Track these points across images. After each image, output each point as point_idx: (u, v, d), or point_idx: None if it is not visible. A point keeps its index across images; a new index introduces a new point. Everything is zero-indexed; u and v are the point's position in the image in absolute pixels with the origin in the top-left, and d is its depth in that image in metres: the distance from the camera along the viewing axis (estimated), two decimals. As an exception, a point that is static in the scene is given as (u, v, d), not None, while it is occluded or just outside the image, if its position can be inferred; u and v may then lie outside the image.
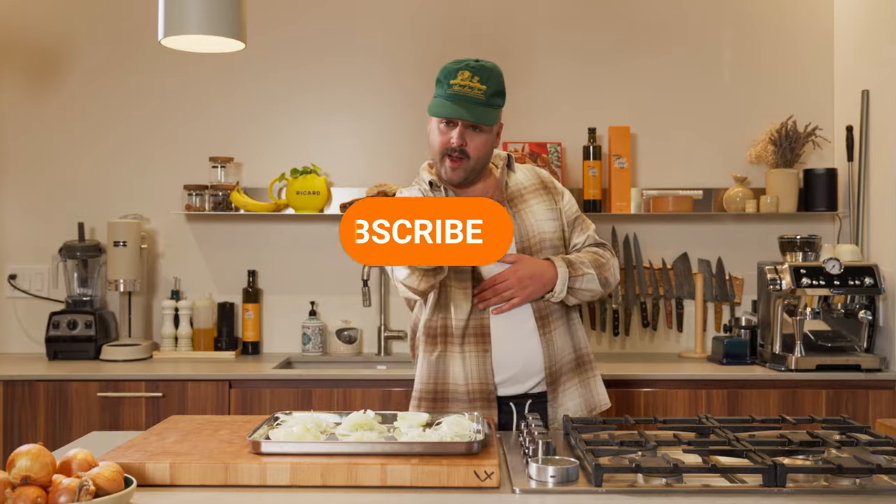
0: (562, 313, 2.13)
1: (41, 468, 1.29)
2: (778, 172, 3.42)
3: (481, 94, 1.98)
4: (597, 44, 3.59)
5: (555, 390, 2.09)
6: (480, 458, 1.50)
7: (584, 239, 2.19)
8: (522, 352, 2.06)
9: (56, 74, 3.59)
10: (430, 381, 2.09)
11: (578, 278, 2.06)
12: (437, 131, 2.04)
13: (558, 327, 2.11)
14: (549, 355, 2.07)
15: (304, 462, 1.48)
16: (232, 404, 2.98)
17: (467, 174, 2.06)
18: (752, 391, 2.96)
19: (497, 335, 2.05)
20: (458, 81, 1.98)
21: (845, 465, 1.46)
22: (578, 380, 2.14)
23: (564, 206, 2.19)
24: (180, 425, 1.81)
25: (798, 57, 3.57)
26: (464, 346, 2.06)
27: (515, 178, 2.18)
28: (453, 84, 1.99)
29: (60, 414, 2.98)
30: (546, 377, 2.07)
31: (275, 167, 3.52)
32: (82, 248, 3.42)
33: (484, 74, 1.99)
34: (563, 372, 2.10)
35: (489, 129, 2.04)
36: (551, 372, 2.08)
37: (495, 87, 2.01)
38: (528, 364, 2.07)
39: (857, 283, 2.97)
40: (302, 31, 3.59)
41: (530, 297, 2.03)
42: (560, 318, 2.12)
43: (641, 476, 1.46)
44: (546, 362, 2.07)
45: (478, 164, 2.07)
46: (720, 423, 1.79)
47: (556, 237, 2.13)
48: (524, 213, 2.11)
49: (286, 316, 3.56)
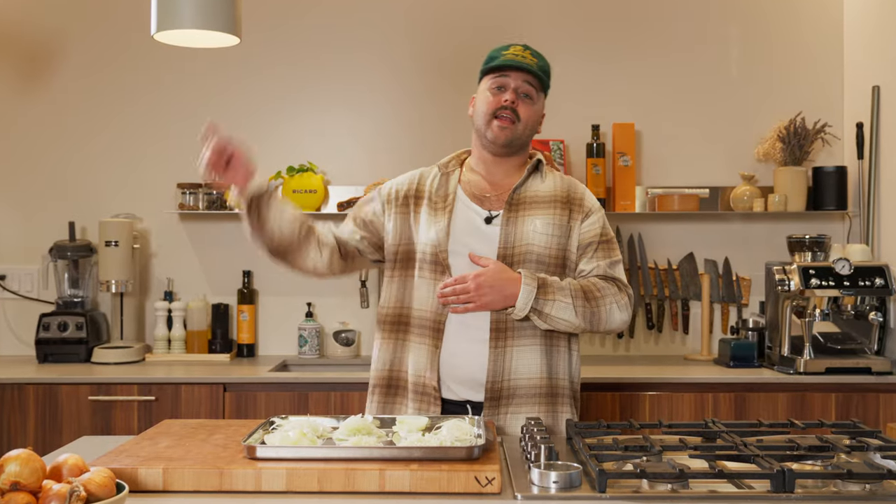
0: (535, 334, 2.04)
1: (31, 474, 1.29)
2: (786, 170, 3.42)
3: (532, 60, 2.08)
4: (600, 39, 3.59)
5: (496, 409, 2.01)
6: (481, 464, 1.50)
7: (591, 268, 2.08)
8: (469, 359, 2.01)
9: (46, 69, 3.59)
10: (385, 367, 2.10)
11: (549, 303, 1.97)
12: (489, 95, 2.09)
13: (521, 346, 2.02)
14: (493, 371, 2.00)
15: (300, 468, 1.47)
16: (226, 408, 2.98)
17: (514, 137, 2.08)
18: (759, 394, 2.96)
19: (450, 336, 2.02)
20: (511, 52, 2.09)
21: (855, 470, 1.46)
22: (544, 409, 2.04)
23: (583, 227, 2.09)
24: (173, 430, 1.81)
25: (807, 52, 3.57)
26: (418, 336, 2.05)
27: (536, 185, 2.13)
28: (506, 53, 2.09)
29: (50, 418, 2.98)
30: (486, 392, 2.01)
31: (270, 165, 3.52)
32: (73, 248, 3.42)
33: (533, 51, 2.11)
34: (516, 395, 2.02)
35: (538, 101, 2.11)
36: (493, 388, 2.00)
37: (543, 63, 2.12)
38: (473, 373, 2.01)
39: (867, 284, 2.97)
40: (298, 26, 3.59)
41: (487, 306, 1.97)
42: (529, 338, 2.03)
43: (646, 482, 1.46)
44: (489, 376, 2.00)
45: (524, 132, 2.10)
46: (727, 428, 1.79)
47: (549, 254, 2.05)
48: (520, 221, 2.06)
49: (282, 318, 3.56)
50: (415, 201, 2.13)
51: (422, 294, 2.06)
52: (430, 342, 2.03)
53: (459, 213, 2.08)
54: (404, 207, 2.14)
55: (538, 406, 2.04)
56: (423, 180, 2.16)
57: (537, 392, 2.04)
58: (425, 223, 2.09)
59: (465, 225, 2.07)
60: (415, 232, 2.11)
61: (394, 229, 2.13)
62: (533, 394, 2.04)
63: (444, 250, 2.04)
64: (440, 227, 2.06)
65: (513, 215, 2.07)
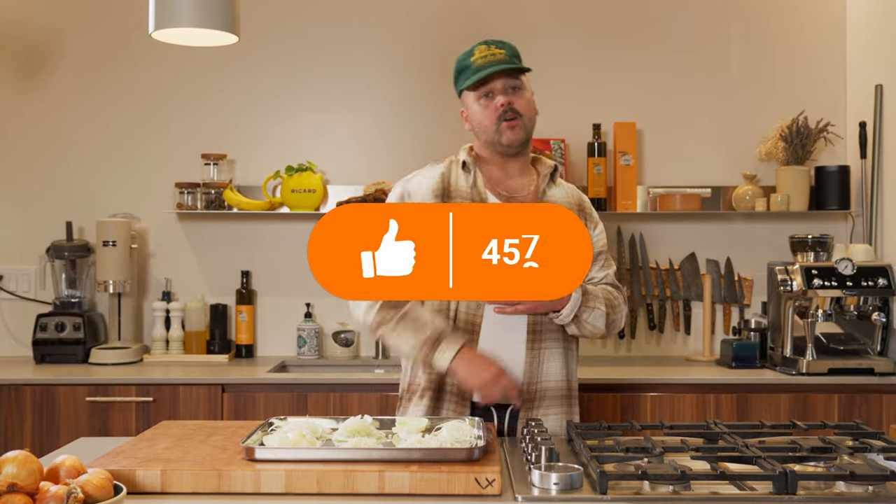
0: (559, 338, 2.09)
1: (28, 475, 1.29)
2: (789, 170, 3.42)
3: (503, 56, 2.08)
4: (601, 37, 3.59)
5: (528, 411, 2.04)
6: (481, 465, 1.50)
7: (602, 276, 2.17)
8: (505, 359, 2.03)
9: (44, 68, 3.59)
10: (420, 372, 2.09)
11: (588, 310, 2.05)
12: (480, 108, 2.09)
13: (551, 349, 2.07)
14: (530, 372, 2.04)
15: (299, 469, 1.48)
16: (225, 409, 2.98)
17: (525, 133, 2.11)
18: (761, 396, 2.96)
19: (486, 336, 2.04)
20: (479, 55, 2.08)
21: (858, 472, 1.46)
22: (562, 411, 2.09)
23: (594, 236, 2.18)
24: (171, 431, 1.81)
25: (809, 51, 3.57)
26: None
27: (553, 192, 2.17)
28: (475, 59, 2.08)
29: (48, 419, 2.98)
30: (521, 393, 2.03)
31: (269, 164, 3.52)
32: (70, 248, 3.42)
33: (497, 43, 2.10)
34: (547, 396, 2.06)
35: (525, 87, 2.12)
36: (529, 390, 2.04)
37: (513, 51, 2.12)
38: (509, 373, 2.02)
39: (870, 284, 2.97)
40: (297, 24, 3.59)
41: (535, 310, 2.01)
42: (556, 342, 2.08)
43: (648, 483, 1.46)
44: (526, 377, 2.04)
45: (530, 123, 2.12)
46: (729, 429, 1.79)
47: None
48: None
49: (281, 318, 3.56)
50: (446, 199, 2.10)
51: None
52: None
53: None
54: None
55: (559, 407, 2.09)
56: (448, 177, 2.13)
57: (560, 394, 2.09)
58: None
59: None
60: None
61: None
62: (557, 395, 2.09)
63: None
64: None
65: None
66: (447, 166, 2.16)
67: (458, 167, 2.14)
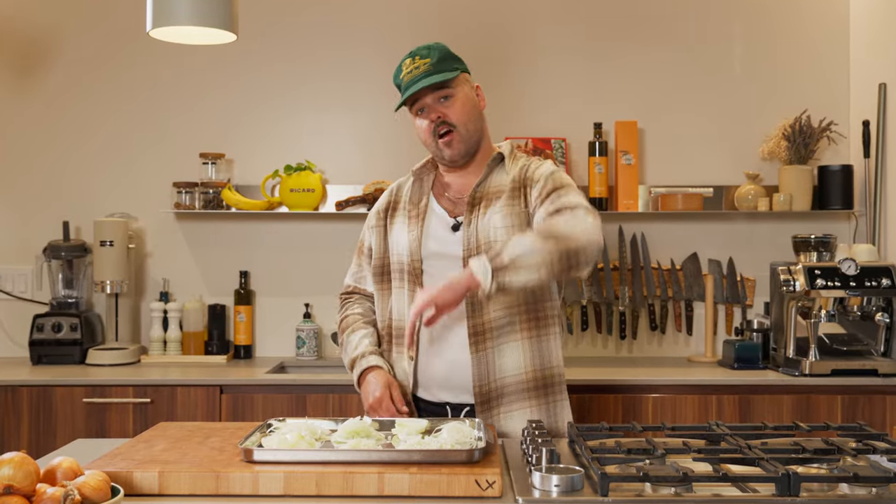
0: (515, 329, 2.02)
1: (24, 477, 1.29)
2: (791, 169, 3.42)
3: (427, 67, 2.03)
4: (603, 35, 3.59)
5: (488, 410, 2.02)
6: (482, 467, 1.50)
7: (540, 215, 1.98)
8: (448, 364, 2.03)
9: (40, 66, 3.59)
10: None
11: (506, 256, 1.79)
12: (419, 123, 2.09)
13: (501, 344, 2.01)
14: (478, 374, 2.01)
15: (298, 471, 1.48)
16: (223, 410, 2.98)
17: (465, 145, 2.06)
18: (764, 397, 2.96)
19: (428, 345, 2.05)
20: (405, 71, 2.07)
21: (862, 474, 1.46)
22: (537, 402, 2.04)
23: (532, 196, 2.03)
24: (169, 432, 1.81)
25: (812, 49, 3.57)
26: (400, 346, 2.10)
27: (500, 179, 2.09)
28: (403, 77, 2.07)
29: (44, 420, 2.98)
30: (476, 396, 2.02)
31: (268, 164, 3.52)
32: (67, 248, 3.42)
33: (422, 53, 2.06)
34: (506, 393, 2.02)
35: (458, 92, 2.05)
36: (482, 392, 2.02)
37: (438, 56, 2.05)
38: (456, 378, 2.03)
39: (873, 285, 2.97)
40: (296, 22, 3.59)
41: (449, 302, 1.82)
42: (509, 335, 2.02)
43: (649, 485, 1.45)
44: (475, 380, 2.01)
45: (468, 131, 2.06)
46: (731, 431, 1.79)
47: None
48: (480, 220, 2.04)
49: (279, 318, 3.56)
50: (391, 213, 2.17)
51: (398, 304, 2.11)
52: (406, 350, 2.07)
53: (431, 220, 2.10)
54: (381, 221, 2.18)
55: (532, 401, 2.04)
56: (401, 190, 2.20)
57: (523, 387, 2.04)
58: (398, 232, 2.12)
59: (436, 232, 2.08)
60: (391, 243, 2.14)
61: (376, 245, 2.18)
62: (523, 389, 2.03)
63: (417, 259, 2.06)
64: (413, 237, 2.08)
65: (473, 216, 2.06)
66: (406, 178, 2.22)
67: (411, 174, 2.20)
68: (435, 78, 2.01)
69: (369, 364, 2.09)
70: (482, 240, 2.03)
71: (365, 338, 2.14)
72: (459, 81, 2.07)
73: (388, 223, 2.17)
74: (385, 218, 2.18)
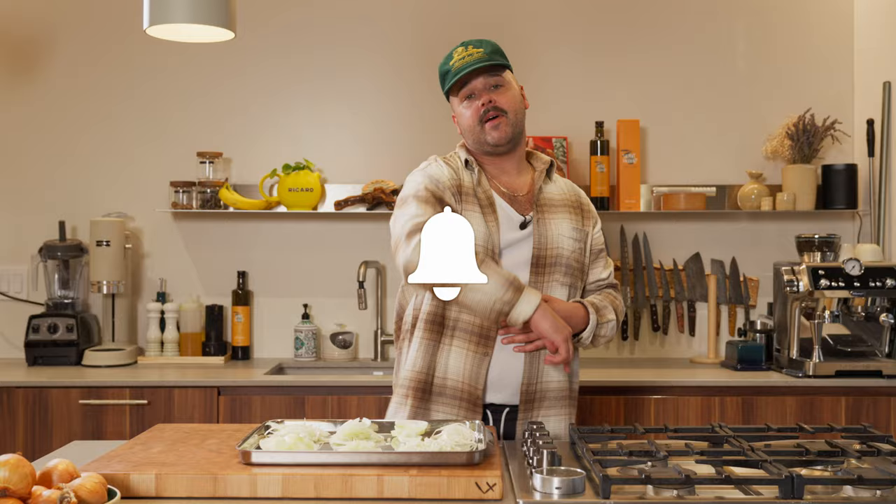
0: None
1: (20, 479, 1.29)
2: (795, 168, 3.42)
3: (480, 55, 2.09)
4: (604, 33, 3.59)
5: (529, 412, 2.05)
6: (482, 469, 1.50)
7: (607, 275, 2.22)
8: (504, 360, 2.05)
9: (36, 64, 3.59)
10: (423, 370, 2.06)
11: (603, 325, 2.11)
12: (465, 109, 2.12)
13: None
14: (529, 372, 2.05)
15: (296, 473, 1.48)
16: (221, 412, 2.98)
17: (512, 129, 2.10)
18: (767, 398, 2.96)
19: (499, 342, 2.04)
20: (457, 57, 2.11)
21: (866, 476, 1.46)
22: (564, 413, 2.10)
23: (594, 233, 2.21)
24: (166, 434, 1.81)
25: (816, 47, 3.57)
26: (463, 341, 2.04)
27: (551, 188, 2.19)
28: (453, 63, 2.11)
29: (40, 422, 2.98)
30: (521, 395, 2.05)
31: (266, 163, 3.52)
32: (63, 247, 3.42)
33: (475, 43, 2.11)
34: (547, 398, 2.08)
35: (508, 83, 2.12)
36: (528, 391, 2.06)
37: (491, 49, 2.12)
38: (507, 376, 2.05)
39: (878, 285, 2.97)
40: (295, 19, 3.59)
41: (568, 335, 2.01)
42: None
43: (651, 488, 1.46)
44: (525, 378, 2.05)
45: (516, 119, 2.12)
46: (734, 432, 1.79)
47: (574, 258, 2.12)
48: (549, 223, 2.11)
49: (278, 319, 3.56)
50: (459, 195, 2.08)
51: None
52: (475, 348, 2.04)
53: (501, 213, 2.09)
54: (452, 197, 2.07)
55: (560, 409, 2.10)
56: (458, 173, 2.11)
57: (561, 395, 2.10)
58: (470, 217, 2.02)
59: (506, 226, 2.08)
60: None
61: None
62: (558, 396, 2.10)
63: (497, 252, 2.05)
64: (494, 228, 2.05)
65: (541, 217, 2.11)
66: (451, 161, 2.15)
67: (461, 165, 2.14)
68: (492, 61, 2.07)
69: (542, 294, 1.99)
70: (551, 243, 2.09)
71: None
72: (510, 75, 2.14)
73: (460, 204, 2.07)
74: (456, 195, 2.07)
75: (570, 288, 2.12)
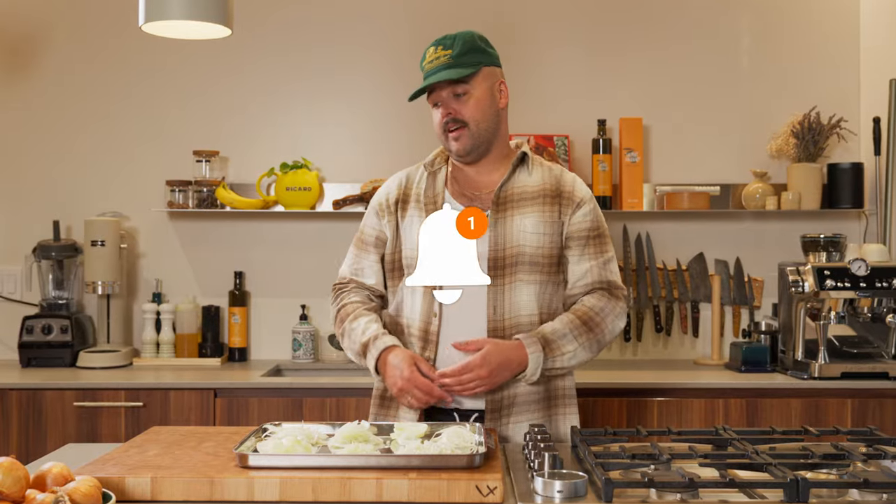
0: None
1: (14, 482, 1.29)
2: (800, 167, 3.42)
3: (447, 59, 2.04)
4: (606, 31, 3.59)
5: (497, 419, 2.03)
6: (483, 472, 1.50)
7: (584, 269, 2.09)
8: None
9: (31, 62, 3.59)
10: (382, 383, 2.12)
11: (556, 359, 2.01)
12: (434, 114, 2.12)
13: None
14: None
15: (294, 476, 1.48)
16: (217, 414, 2.98)
17: (474, 141, 2.07)
18: (772, 400, 2.96)
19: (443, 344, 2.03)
20: (427, 60, 2.09)
21: (872, 479, 1.46)
22: (538, 417, 2.06)
23: (573, 219, 2.09)
24: (162, 437, 1.81)
25: (822, 44, 3.57)
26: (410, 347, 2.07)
27: (524, 180, 2.12)
28: (424, 65, 2.10)
29: (34, 425, 2.98)
30: (487, 402, 2.02)
31: (263, 161, 3.52)
32: (58, 247, 3.42)
33: (447, 42, 2.06)
34: (517, 403, 2.04)
35: (472, 89, 2.06)
36: (494, 399, 2.02)
37: (461, 48, 2.05)
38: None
39: (884, 286, 2.97)
40: (292, 17, 3.59)
41: (498, 384, 1.99)
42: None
43: (654, 491, 1.46)
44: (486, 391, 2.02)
45: (480, 130, 2.07)
46: (738, 435, 1.79)
47: (540, 254, 2.05)
48: (509, 221, 2.06)
49: (275, 320, 3.56)
50: (402, 206, 2.15)
51: (410, 301, 2.09)
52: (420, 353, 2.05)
53: None
54: (392, 215, 2.15)
55: (534, 413, 2.06)
56: (411, 182, 2.18)
57: (534, 398, 2.06)
58: (412, 226, 2.09)
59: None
60: (403, 237, 2.13)
61: (391, 237, 2.16)
62: (530, 400, 2.06)
63: None
64: None
65: (501, 215, 2.07)
66: (416, 169, 2.20)
67: (423, 167, 2.19)
68: (450, 73, 2.03)
69: (386, 344, 2.02)
70: (510, 242, 2.05)
71: (372, 322, 2.08)
72: (479, 77, 2.07)
73: (399, 216, 2.14)
74: (396, 211, 2.15)
75: (541, 284, 2.06)
